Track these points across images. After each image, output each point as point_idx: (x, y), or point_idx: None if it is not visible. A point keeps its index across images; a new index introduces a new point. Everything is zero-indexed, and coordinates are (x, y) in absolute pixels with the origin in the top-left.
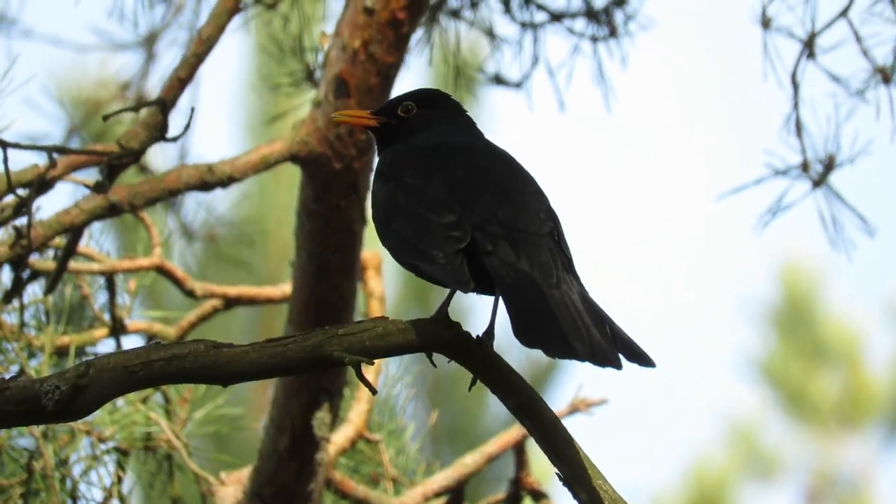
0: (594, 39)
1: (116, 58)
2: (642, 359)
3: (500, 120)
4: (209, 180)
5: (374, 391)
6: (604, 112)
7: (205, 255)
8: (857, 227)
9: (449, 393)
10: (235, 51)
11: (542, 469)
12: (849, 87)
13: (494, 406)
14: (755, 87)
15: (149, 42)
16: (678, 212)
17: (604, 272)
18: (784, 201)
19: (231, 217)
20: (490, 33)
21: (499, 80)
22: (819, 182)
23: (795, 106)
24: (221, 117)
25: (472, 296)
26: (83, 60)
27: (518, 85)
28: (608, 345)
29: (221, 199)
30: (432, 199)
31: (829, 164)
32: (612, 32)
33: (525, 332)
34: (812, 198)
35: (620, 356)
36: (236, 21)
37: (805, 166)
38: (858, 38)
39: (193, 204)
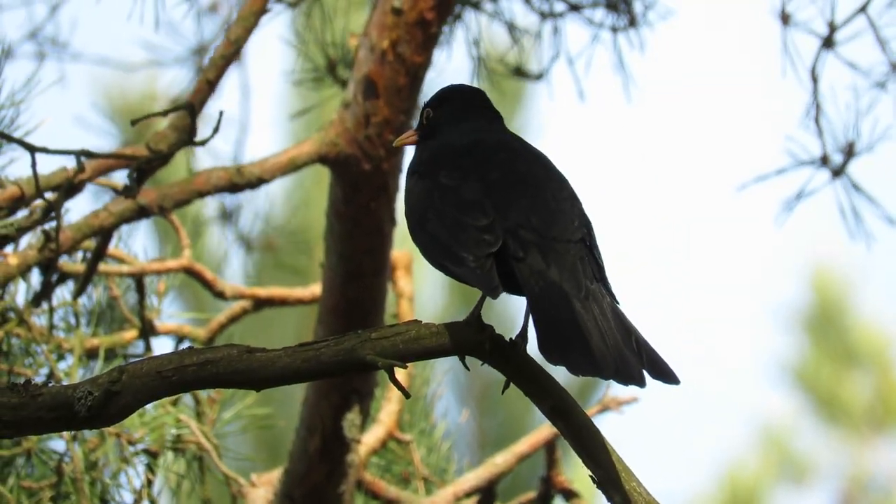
0: (614, 29)
1: (166, 72)
2: (667, 376)
3: (521, 111)
4: (238, 182)
5: (407, 395)
6: (624, 102)
7: (262, 263)
8: (877, 219)
9: (496, 398)
10: (281, 51)
11: (573, 468)
12: (868, 76)
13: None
14: (774, 80)
15: (198, 55)
16: (707, 214)
17: (632, 270)
18: (805, 191)
19: (287, 225)
20: (511, 25)
21: (520, 71)
22: (838, 172)
23: (815, 98)
24: (269, 118)
25: (511, 298)
26: (133, 77)
27: (539, 77)
28: (633, 361)
29: (277, 207)
30: (466, 200)
31: (849, 152)
32: (632, 22)
33: (549, 348)
34: (832, 189)
35: (645, 373)
36: (277, 21)
37: (825, 158)
38: (877, 31)
39: (251, 214)
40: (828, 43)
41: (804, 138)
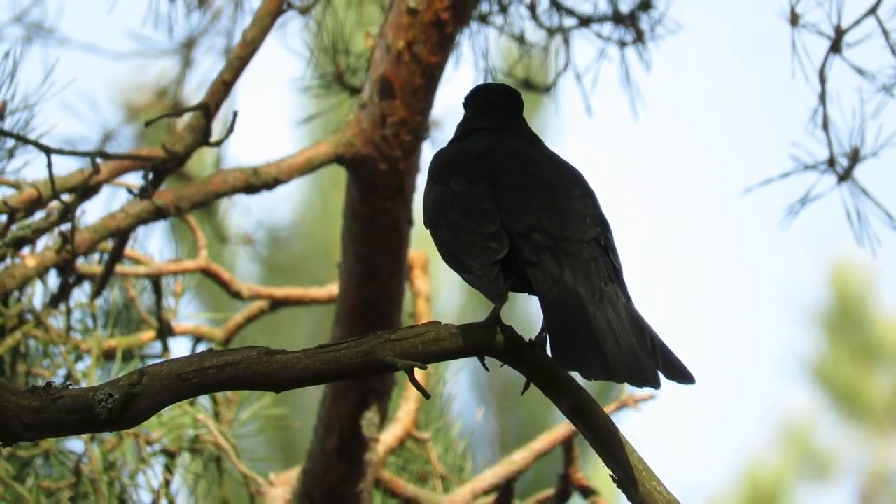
0: (622, 44)
1: (154, 63)
2: (682, 376)
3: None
4: (255, 183)
5: (427, 395)
6: (631, 116)
7: (267, 261)
8: (882, 223)
9: (518, 398)
10: (289, 51)
11: (592, 464)
12: (874, 81)
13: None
14: (781, 86)
15: (186, 48)
16: (727, 215)
17: (651, 271)
18: (811, 195)
19: (291, 223)
20: (520, 39)
21: (528, 84)
22: (844, 177)
23: (823, 101)
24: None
25: (531, 299)
26: (121, 66)
27: (546, 90)
28: (648, 363)
29: (280, 205)
30: (475, 208)
31: (854, 158)
32: (639, 37)
33: (562, 355)
34: (838, 192)
35: (660, 374)
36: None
37: (831, 161)
38: (886, 35)
39: (255, 211)
40: (835, 47)
41: (812, 142)
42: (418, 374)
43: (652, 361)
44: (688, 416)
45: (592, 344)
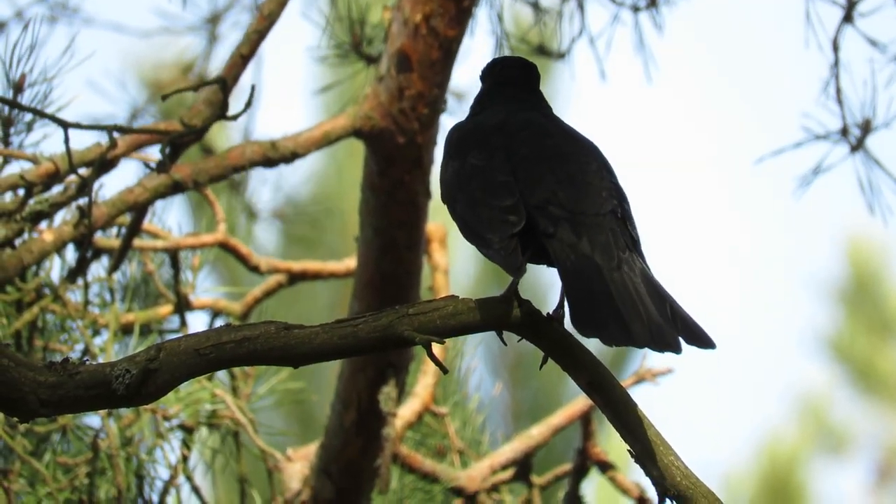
0: (635, 9)
1: (179, 40)
2: (703, 341)
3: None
4: (273, 156)
5: (444, 370)
6: (644, 80)
7: (283, 234)
8: (894, 193)
9: (530, 370)
10: (301, 24)
11: (609, 438)
12: (886, 52)
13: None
14: (794, 54)
15: (211, 23)
16: (741, 185)
17: (666, 243)
18: (824, 165)
19: (306, 196)
20: (534, 4)
21: (542, 50)
22: (856, 147)
23: (836, 71)
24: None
25: (545, 272)
26: (147, 43)
27: (561, 56)
28: (668, 328)
29: (295, 178)
30: (492, 181)
31: (866, 128)
32: (653, 2)
33: (582, 321)
34: (850, 162)
35: (680, 339)
36: None
37: (844, 131)
38: None
39: (270, 184)
40: (848, 17)
41: (823, 112)
42: (436, 348)
43: (672, 327)
44: (704, 391)
45: (612, 310)
